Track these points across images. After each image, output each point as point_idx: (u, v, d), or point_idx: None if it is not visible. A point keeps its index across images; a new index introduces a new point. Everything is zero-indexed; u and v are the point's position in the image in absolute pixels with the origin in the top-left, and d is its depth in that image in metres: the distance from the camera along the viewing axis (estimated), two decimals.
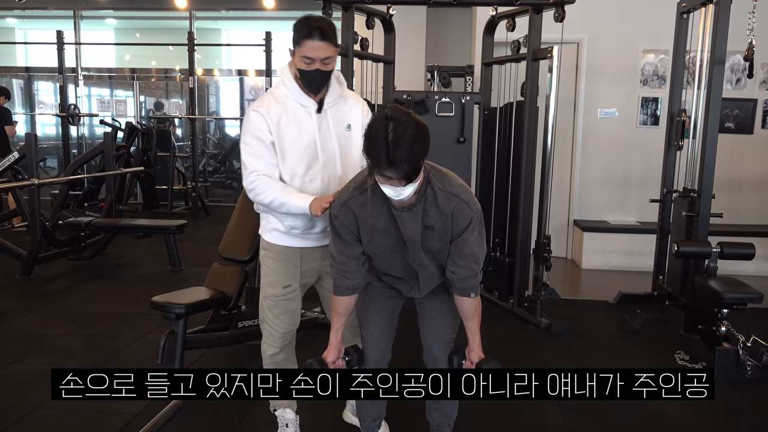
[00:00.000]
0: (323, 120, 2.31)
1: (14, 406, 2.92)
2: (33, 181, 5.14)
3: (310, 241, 2.41)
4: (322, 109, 2.30)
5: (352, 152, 2.36)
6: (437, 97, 4.77)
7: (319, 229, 2.37)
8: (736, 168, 5.87)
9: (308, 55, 2.15)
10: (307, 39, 2.14)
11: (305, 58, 2.16)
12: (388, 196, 1.93)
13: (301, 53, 2.16)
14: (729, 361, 3.37)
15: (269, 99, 2.31)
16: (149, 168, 8.10)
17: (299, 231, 2.37)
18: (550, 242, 4.26)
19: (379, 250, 2.11)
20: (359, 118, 2.40)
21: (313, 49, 2.15)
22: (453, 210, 1.99)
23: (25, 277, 5.15)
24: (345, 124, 2.36)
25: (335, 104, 2.34)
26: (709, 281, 3.65)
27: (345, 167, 2.35)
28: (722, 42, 3.82)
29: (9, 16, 10.76)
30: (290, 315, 2.45)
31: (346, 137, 2.35)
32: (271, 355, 2.49)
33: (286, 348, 2.51)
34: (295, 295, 2.45)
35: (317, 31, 2.13)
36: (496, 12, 4.59)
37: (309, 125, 2.29)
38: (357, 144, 2.32)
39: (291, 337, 2.51)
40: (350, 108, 2.39)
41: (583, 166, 6.05)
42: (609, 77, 5.90)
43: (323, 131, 2.31)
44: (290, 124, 2.27)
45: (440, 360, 2.27)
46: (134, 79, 10.10)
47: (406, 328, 2.47)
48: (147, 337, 3.84)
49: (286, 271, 2.42)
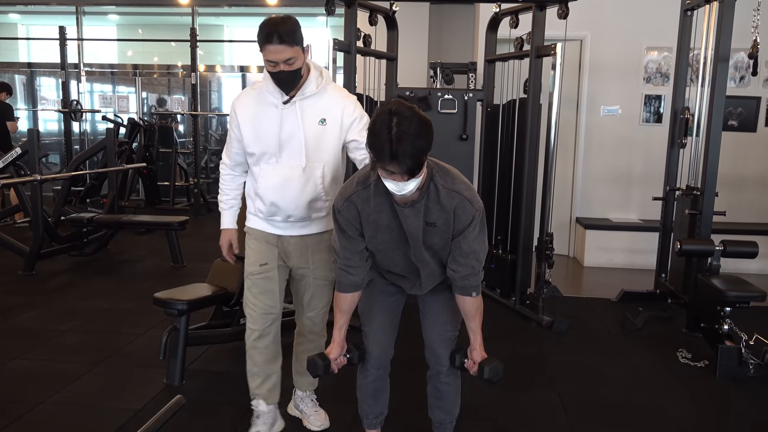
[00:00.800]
0: (291, 112, 2.33)
1: (17, 402, 2.92)
2: (35, 177, 5.14)
3: (275, 228, 2.47)
4: (291, 101, 2.33)
5: (323, 146, 2.37)
6: (440, 94, 4.77)
7: (280, 218, 2.43)
8: (739, 166, 5.86)
9: (270, 58, 2.20)
10: (267, 44, 2.18)
11: (269, 62, 2.22)
12: (390, 192, 1.92)
13: (265, 57, 2.21)
14: (731, 359, 3.36)
15: (247, 91, 2.45)
16: (151, 164, 8.11)
17: (263, 215, 2.46)
18: (553, 240, 4.25)
19: (382, 246, 2.11)
20: (339, 113, 2.38)
21: (273, 53, 2.18)
22: (455, 207, 1.99)
23: (28, 273, 5.16)
24: (319, 117, 2.36)
25: (309, 97, 2.34)
26: (712, 279, 3.64)
27: (311, 160, 2.36)
28: (726, 39, 3.81)
29: (11, 12, 10.74)
30: (269, 295, 2.49)
31: (318, 130, 2.36)
32: (252, 340, 2.54)
33: (269, 335, 2.53)
34: (273, 275, 2.49)
35: (274, 36, 2.16)
36: (500, 9, 4.58)
37: (274, 116, 2.34)
38: (332, 138, 2.39)
39: (272, 320, 2.52)
40: (330, 103, 2.38)
41: (585, 163, 6.04)
42: (612, 74, 5.88)
43: (289, 123, 2.33)
44: (256, 115, 2.37)
45: (442, 357, 2.26)
46: (136, 75, 10.09)
47: (408, 325, 2.47)
48: (149, 333, 3.84)
49: (262, 250, 2.49)
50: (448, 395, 2.33)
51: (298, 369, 2.72)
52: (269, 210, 2.42)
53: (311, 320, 2.62)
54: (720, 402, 3.12)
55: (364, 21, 4.41)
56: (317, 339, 2.67)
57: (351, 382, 2.44)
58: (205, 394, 2.93)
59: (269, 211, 2.43)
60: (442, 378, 2.30)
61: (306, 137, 2.34)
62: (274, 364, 2.59)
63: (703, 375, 3.42)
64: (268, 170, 2.38)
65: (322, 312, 2.62)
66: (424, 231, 2.03)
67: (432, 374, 2.33)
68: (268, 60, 2.21)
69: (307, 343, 2.66)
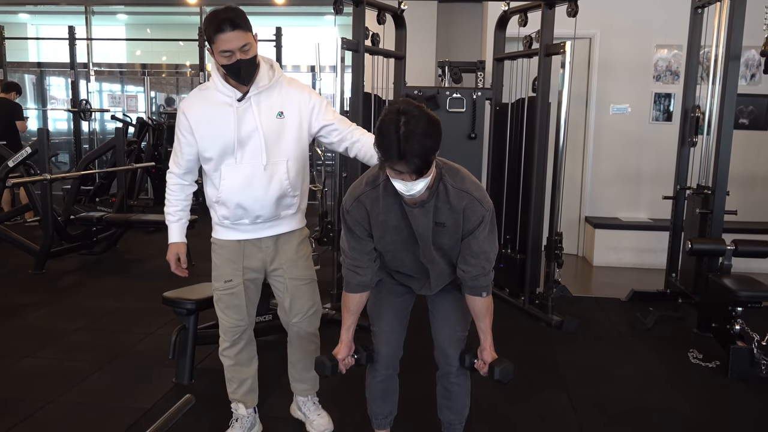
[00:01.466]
0: (247, 109, 2.26)
1: (27, 400, 2.94)
2: (45, 176, 5.17)
3: (244, 233, 2.40)
4: (246, 97, 2.26)
5: (284, 140, 2.32)
6: (448, 93, 4.75)
7: (248, 221, 2.36)
8: (750, 164, 5.81)
9: (225, 48, 2.10)
10: (219, 33, 2.09)
11: (224, 53, 2.11)
12: (399, 192, 1.91)
13: (218, 48, 2.11)
14: (743, 359, 3.34)
15: (195, 94, 2.34)
16: (160, 163, 8.13)
17: (229, 222, 2.38)
18: (562, 239, 4.23)
19: (390, 246, 2.10)
20: (296, 104, 2.33)
21: (227, 42, 2.09)
22: (465, 207, 1.98)
23: (38, 272, 5.19)
24: (276, 111, 2.29)
25: (263, 92, 2.28)
26: (723, 279, 3.61)
27: (273, 156, 2.30)
28: (737, 37, 3.78)
29: (21, 12, 10.81)
30: (235, 310, 2.46)
31: (277, 124, 2.30)
32: (223, 348, 2.54)
33: (239, 344, 2.52)
34: (238, 291, 2.44)
35: (227, 23, 2.08)
36: (509, 7, 4.56)
37: (229, 115, 2.25)
38: (292, 131, 2.33)
39: (241, 332, 2.51)
40: (285, 95, 2.32)
41: (594, 162, 6.01)
42: (621, 73, 5.85)
43: (246, 120, 2.26)
44: (211, 116, 2.27)
45: (452, 358, 2.25)
46: (145, 75, 10.13)
47: (417, 325, 2.46)
48: (158, 332, 3.86)
49: (226, 266, 2.44)
50: (457, 395, 2.32)
51: (294, 375, 2.68)
52: (235, 214, 2.34)
53: (297, 326, 2.54)
54: (731, 403, 3.09)
55: (372, 20, 4.40)
56: (308, 345, 2.60)
57: (360, 382, 2.43)
58: (214, 393, 2.93)
59: (235, 215, 2.35)
60: (452, 378, 2.28)
61: (265, 133, 2.27)
62: (248, 368, 2.59)
63: (715, 375, 3.39)
64: (228, 172, 2.29)
65: (308, 316, 2.54)
66: (434, 231, 2.02)
67: (441, 374, 2.32)
68: (222, 51, 2.10)
69: (299, 351, 2.61)
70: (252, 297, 2.50)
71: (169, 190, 2.45)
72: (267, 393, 2.66)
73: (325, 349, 2.23)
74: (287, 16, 10.02)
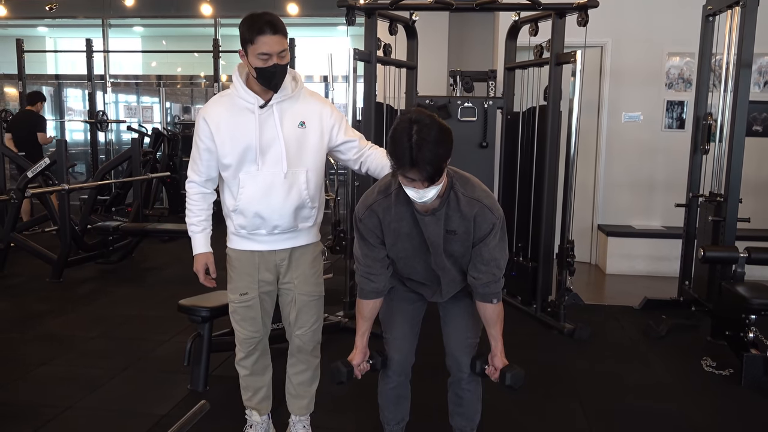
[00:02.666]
0: (269, 116, 2.26)
1: (45, 407, 2.99)
2: (63, 187, 5.26)
3: (260, 244, 2.38)
4: (268, 104, 2.26)
5: (304, 150, 2.32)
6: (460, 102, 4.79)
7: (265, 231, 2.34)
8: (764, 172, 5.78)
9: (264, 50, 2.11)
10: (260, 35, 2.10)
11: (262, 55, 2.12)
12: (411, 200, 1.94)
13: (257, 50, 2.12)
14: (757, 368, 3.32)
15: (215, 100, 2.34)
16: (175, 173, 8.22)
17: (246, 231, 2.36)
18: (574, 247, 4.24)
19: (403, 253, 2.13)
20: (318, 117, 2.34)
21: (268, 44, 2.11)
22: (475, 215, 2.01)
23: (55, 280, 5.27)
24: (297, 121, 2.30)
25: (286, 100, 2.28)
26: (737, 287, 3.60)
27: (293, 165, 2.29)
28: (749, 45, 3.78)
29: (40, 25, 11.00)
30: (250, 322, 2.46)
31: (299, 134, 2.30)
32: (239, 359, 2.57)
33: (254, 354, 2.54)
34: (254, 303, 2.43)
35: (269, 26, 2.10)
36: (519, 17, 4.58)
37: (251, 122, 2.25)
38: (313, 142, 2.33)
39: (256, 343, 2.52)
40: (307, 106, 2.33)
41: (607, 170, 6.01)
42: (633, 81, 5.85)
43: (268, 126, 2.26)
44: (232, 122, 2.26)
45: (463, 364, 2.27)
46: (160, 86, 10.26)
47: (428, 332, 2.48)
48: (173, 339, 3.90)
49: (241, 279, 2.42)
50: (469, 402, 2.34)
51: (290, 391, 2.63)
52: (252, 223, 2.33)
53: (300, 338, 2.51)
54: (745, 411, 3.08)
55: (384, 30, 4.45)
56: (309, 359, 2.57)
57: (372, 389, 2.45)
58: (229, 400, 2.96)
59: (252, 225, 2.33)
60: (463, 385, 2.30)
61: (286, 141, 2.27)
62: (262, 377, 2.61)
63: (728, 384, 3.37)
64: (247, 180, 2.28)
65: (312, 330, 2.52)
66: (445, 239, 2.05)
67: (453, 381, 2.34)
68: (260, 53, 2.11)
69: (299, 365, 2.58)
70: (267, 308, 2.50)
71: (191, 200, 2.40)
72: (280, 399, 2.69)
73: (336, 357, 2.26)
74: (300, 27, 10.12)
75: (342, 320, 3.98)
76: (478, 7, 4.34)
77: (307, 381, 2.60)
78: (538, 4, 4.12)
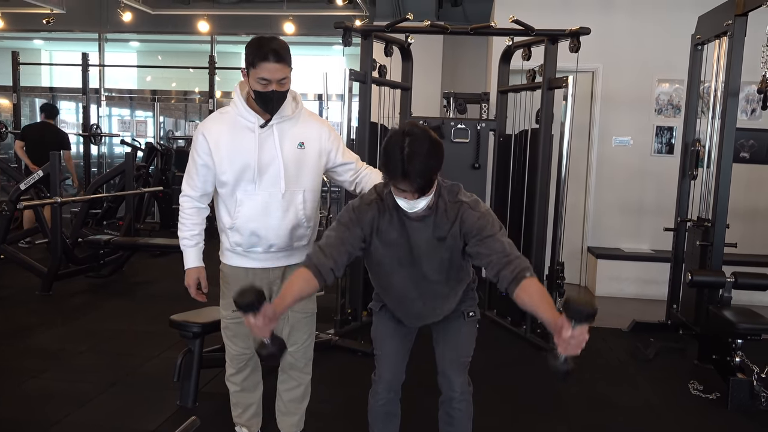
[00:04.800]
0: (269, 136, 2.29)
1: (33, 422, 2.97)
2: (56, 199, 5.25)
3: (255, 261, 2.39)
4: (268, 124, 2.28)
5: (303, 170, 2.35)
6: (453, 124, 4.84)
7: (261, 249, 2.36)
8: (751, 198, 5.87)
9: (264, 76, 2.15)
10: (263, 61, 2.14)
11: (261, 80, 2.16)
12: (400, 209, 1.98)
13: (257, 74, 2.16)
14: (743, 392, 3.35)
15: (215, 117, 2.36)
16: (167, 188, 8.23)
17: (242, 249, 2.37)
18: (564, 269, 4.27)
19: (386, 260, 2.12)
20: (317, 138, 2.37)
21: (268, 71, 2.15)
22: (459, 215, 2.01)
23: (45, 293, 5.24)
24: (297, 141, 2.33)
25: (286, 121, 2.31)
26: (723, 311, 3.64)
27: (291, 185, 2.32)
28: (736, 74, 3.87)
29: (36, 38, 11.03)
30: (242, 338, 2.48)
31: (297, 154, 2.33)
32: (229, 375, 2.58)
33: (245, 371, 2.56)
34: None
35: (272, 54, 2.14)
36: (513, 41, 4.66)
37: (250, 141, 2.27)
38: (311, 163, 2.36)
39: (247, 360, 2.54)
40: (306, 127, 2.36)
41: (597, 193, 6.08)
42: (623, 106, 5.94)
43: (267, 146, 2.28)
44: (231, 139, 2.28)
45: (455, 383, 2.29)
46: (155, 101, 10.29)
47: (419, 350, 2.50)
48: (163, 354, 3.89)
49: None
50: (459, 421, 2.35)
51: (280, 408, 2.64)
52: (249, 241, 2.34)
53: (292, 355, 2.51)
54: None
55: (379, 52, 4.52)
56: (300, 376, 2.58)
57: (362, 406, 2.46)
58: (218, 417, 2.96)
59: (249, 243, 2.35)
60: (454, 404, 2.31)
61: (285, 161, 2.30)
62: (252, 394, 2.63)
63: (715, 407, 3.40)
64: (245, 199, 2.30)
65: (304, 346, 2.54)
66: (434, 246, 2.06)
67: (444, 400, 2.35)
68: (260, 78, 2.15)
69: (290, 381, 2.58)
70: None
71: (185, 213, 2.40)
72: (269, 417, 2.69)
73: (326, 375, 2.26)
74: (296, 45, 10.16)
75: (333, 338, 3.98)
76: (473, 31, 4.42)
77: (298, 398, 2.60)
78: (532, 30, 4.20)
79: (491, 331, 4.50)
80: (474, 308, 2.35)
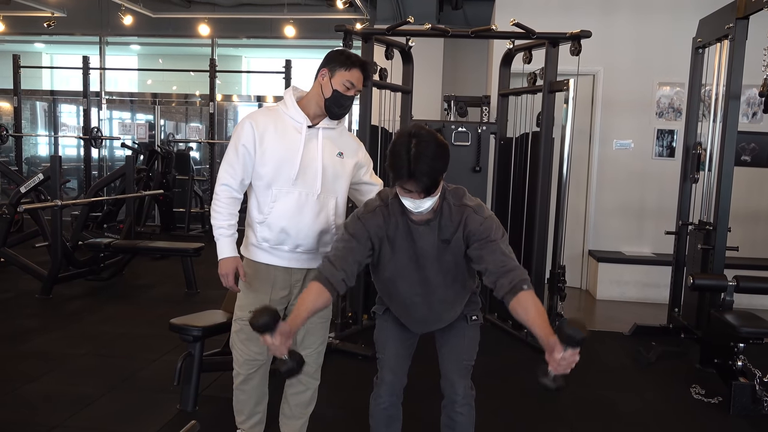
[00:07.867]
0: (313, 138, 2.37)
1: (33, 425, 2.96)
2: (56, 203, 5.24)
3: (280, 259, 2.41)
4: (315, 127, 2.38)
5: (339, 178, 2.41)
6: (454, 127, 4.84)
7: (287, 247, 2.38)
8: (753, 201, 5.86)
9: (353, 81, 2.32)
10: (356, 68, 2.32)
11: (348, 83, 2.32)
12: (406, 211, 2.01)
13: (346, 77, 2.31)
14: (745, 396, 3.34)
15: (263, 111, 2.43)
16: (168, 191, 8.23)
17: (269, 245, 2.39)
18: (565, 272, 4.27)
19: (392, 265, 2.14)
20: (354, 152, 2.48)
21: (357, 79, 2.33)
22: (464, 218, 2.04)
23: (45, 296, 5.23)
24: (337, 150, 2.41)
25: (329, 130, 2.41)
26: (725, 315, 3.63)
27: (327, 190, 2.38)
28: (737, 78, 3.86)
29: (37, 41, 11.05)
30: (255, 342, 2.42)
31: (336, 162, 2.40)
32: (238, 382, 2.54)
33: (254, 379, 2.52)
34: None
35: (368, 67, 2.37)
36: (513, 45, 4.67)
37: (295, 139, 2.35)
38: (347, 173, 2.43)
39: (258, 366, 2.51)
40: (346, 141, 2.48)
41: (598, 196, 6.07)
42: (624, 109, 5.94)
43: (309, 148, 2.36)
44: (277, 135, 2.35)
45: (458, 387, 2.28)
46: (155, 104, 10.30)
47: (422, 354, 2.49)
48: (163, 358, 3.88)
49: (255, 297, 2.41)
50: (462, 425, 2.33)
51: (285, 412, 2.63)
52: (277, 238, 2.36)
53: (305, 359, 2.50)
54: None
55: (380, 55, 4.52)
56: (309, 382, 2.57)
57: (364, 411, 2.45)
58: (217, 421, 2.95)
59: (277, 239, 2.37)
60: (457, 408, 2.30)
61: (324, 165, 2.37)
62: (259, 405, 2.60)
63: (717, 411, 3.39)
64: (281, 195, 2.34)
65: (316, 351, 2.54)
66: (439, 249, 2.08)
67: (447, 404, 2.34)
68: (348, 80, 2.31)
69: (299, 385, 2.57)
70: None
71: (221, 203, 2.39)
72: (270, 421, 2.68)
73: (329, 378, 2.25)
74: (297, 48, 10.23)
75: (333, 342, 3.97)
76: (474, 34, 4.42)
77: (304, 402, 2.60)
78: (533, 33, 4.20)
79: (492, 334, 4.48)
80: (477, 313, 2.36)
